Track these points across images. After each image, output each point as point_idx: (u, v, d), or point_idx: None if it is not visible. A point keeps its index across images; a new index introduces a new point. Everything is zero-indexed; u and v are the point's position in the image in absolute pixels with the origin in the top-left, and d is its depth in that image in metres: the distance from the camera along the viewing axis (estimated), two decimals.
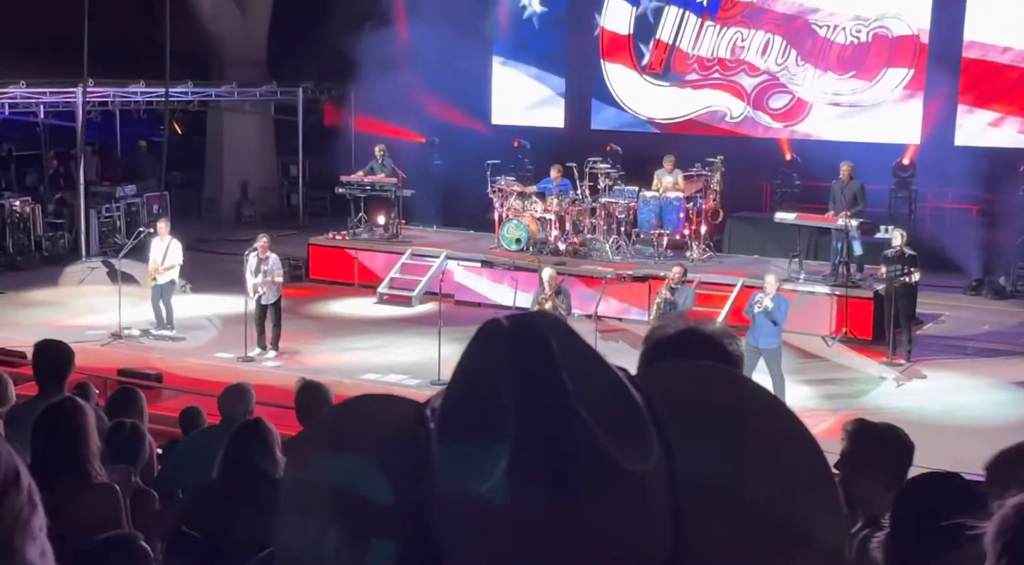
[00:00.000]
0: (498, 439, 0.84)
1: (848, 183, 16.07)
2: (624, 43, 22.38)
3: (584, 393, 0.86)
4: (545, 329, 0.89)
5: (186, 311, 15.68)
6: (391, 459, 0.91)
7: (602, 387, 0.88)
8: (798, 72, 20.91)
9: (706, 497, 0.89)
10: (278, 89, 24.33)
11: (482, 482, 0.84)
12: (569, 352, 0.88)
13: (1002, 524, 1.62)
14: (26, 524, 1.22)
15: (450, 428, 0.88)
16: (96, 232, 20.22)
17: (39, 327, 13.68)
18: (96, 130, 23.21)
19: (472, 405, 0.88)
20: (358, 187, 18.95)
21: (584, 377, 0.87)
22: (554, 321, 0.91)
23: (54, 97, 20.35)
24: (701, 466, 0.90)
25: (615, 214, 17.37)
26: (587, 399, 0.85)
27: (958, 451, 10.76)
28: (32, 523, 1.23)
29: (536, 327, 0.89)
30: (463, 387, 0.89)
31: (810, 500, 0.94)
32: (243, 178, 25.09)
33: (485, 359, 0.89)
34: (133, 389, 6.75)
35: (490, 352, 0.89)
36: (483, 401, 0.87)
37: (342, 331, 15.64)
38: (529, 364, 0.87)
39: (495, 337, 0.89)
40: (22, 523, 1.21)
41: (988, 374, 13.68)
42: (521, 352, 0.87)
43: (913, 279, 13.78)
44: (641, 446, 0.86)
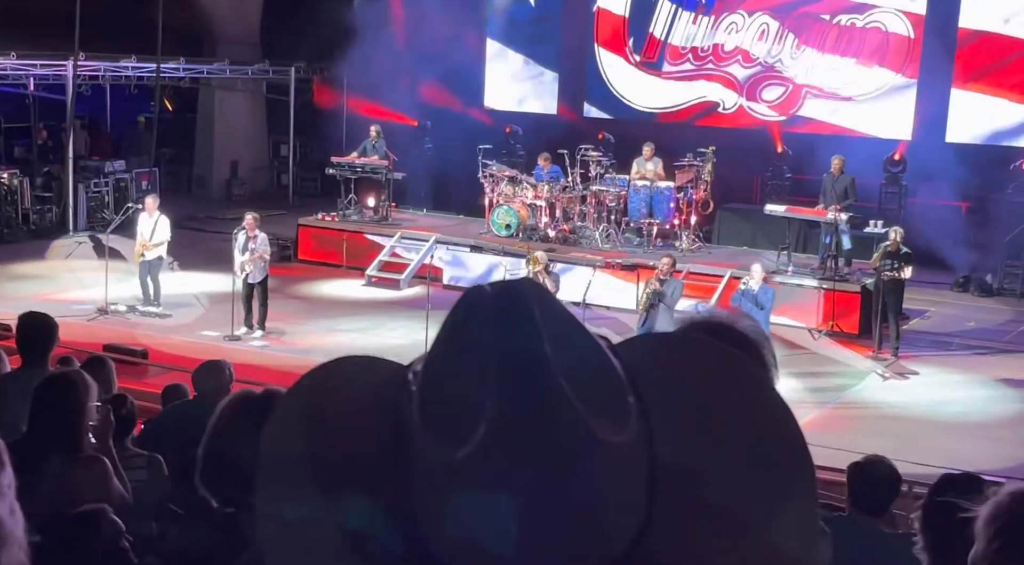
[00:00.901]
0: (476, 405, 0.84)
1: (839, 177, 16.10)
2: (619, 26, 22.29)
3: (564, 362, 0.85)
4: (528, 296, 0.88)
5: (173, 288, 15.63)
6: (372, 422, 0.90)
7: (583, 356, 0.87)
8: (792, 63, 20.89)
9: (678, 476, 0.88)
10: (270, 68, 24.23)
11: (458, 448, 0.84)
12: (551, 320, 0.87)
13: (996, 509, 1.63)
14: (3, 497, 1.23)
15: (430, 392, 0.88)
16: (84, 207, 20.12)
17: (25, 301, 13.62)
18: (86, 104, 23.07)
19: (453, 370, 0.87)
20: (349, 169, 18.91)
21: (565, 346, 0.86)
22: (538, 289, 0.90)
23: (45, 70, 20.22)
24: (677, 443, 0.89)
25: (605, 202, 17.36)
26: (567, 368, 0.85)
27: (943, 446, 10.83)
28: (1, 480, 1.24)
29: (520, 294, 0.88)
30: (445, 351, 0.89)
31: (783, 495, 0.91)
32: (233, 157, 24.99)
33: (468, 324, 0.88)
34: (103, 358, 6.74)
35: (473, 317, 0.88)
36: (464, 366, 0.86)
37: (330, 312, 15.61)
38: (511, 331, 0.86)
39: (479, 302, 0.89)
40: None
41: (973, 370, 13.73)
42: (503, 318, 0.87)
43: (904, 275, 13.80)
44: (618, 417, 0.86)
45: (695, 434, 0.90)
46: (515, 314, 0.87)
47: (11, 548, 1.24)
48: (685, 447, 0.89)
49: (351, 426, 0.91)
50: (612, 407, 0.86)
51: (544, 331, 0.86)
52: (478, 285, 0.91)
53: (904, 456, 8.42)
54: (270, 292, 14.48)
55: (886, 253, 13.84)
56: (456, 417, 0.85)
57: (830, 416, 11.83)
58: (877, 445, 9.69)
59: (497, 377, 0.84)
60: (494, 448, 0.83)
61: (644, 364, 0.92)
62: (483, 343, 0.86)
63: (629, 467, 0.86)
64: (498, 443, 0.83)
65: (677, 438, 0.89)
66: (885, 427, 11.52)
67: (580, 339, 0.89)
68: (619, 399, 0.87)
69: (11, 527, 1.25)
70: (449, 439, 0.84)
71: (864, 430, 11.27)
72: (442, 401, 0.86)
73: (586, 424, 0.83)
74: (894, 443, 10.30)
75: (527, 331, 0.86)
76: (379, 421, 0.89)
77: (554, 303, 0.90)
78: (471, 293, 0.90)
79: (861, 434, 10.83)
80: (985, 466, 10.03)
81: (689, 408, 0.91)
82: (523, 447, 0.83)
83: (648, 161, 17.63)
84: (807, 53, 20.77)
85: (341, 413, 0.93)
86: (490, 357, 0.85)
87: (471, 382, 0.85)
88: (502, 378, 0.84)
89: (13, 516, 1.25)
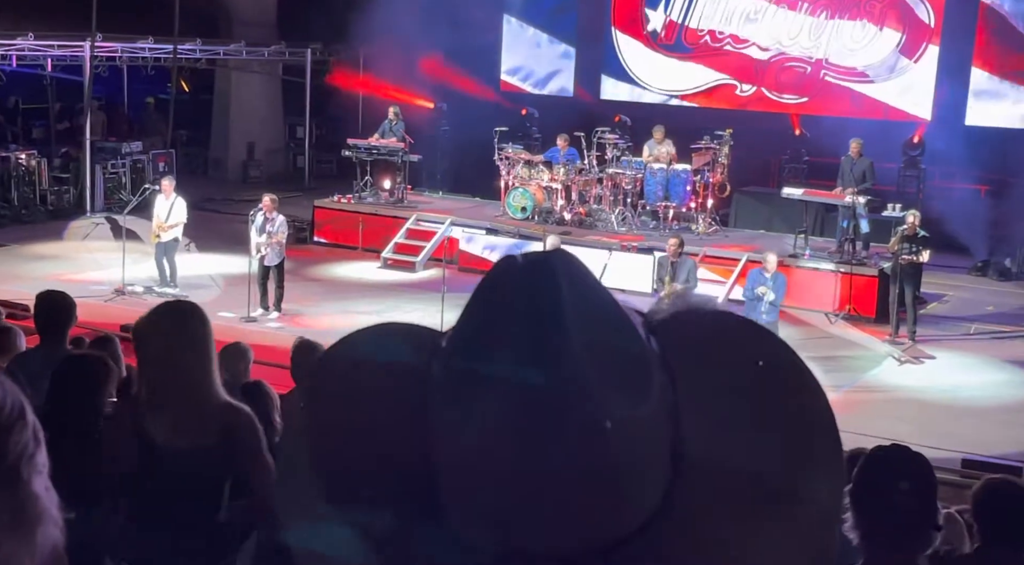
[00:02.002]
0: (495, 378, 0.84)
1: (857, 160, 16.01)
2: (636, 9, 22.19)
3: (585, 334, 0.85)
4: (558, 268, 0.87)
5: (190, 270, 15.67)
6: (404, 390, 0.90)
7: (607, 330, 0.87)
8: (811, 44, 20.74)
9: (705, 450, 0.88)
10: (287, 49, 24.22)
11: (474, 422, 0.84)
12: (579, 293, 0.87)
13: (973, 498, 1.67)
14: (32, 458, 1.27)
15: (455, 363, 0.87)
16: (101, 188, 20.19)
17: (42, 281, 13.64)
18: (103, 85, 23.12)
19: (477, 341, 0.87)
20: (364, 151, 18.91)
21: (589, 318, 0.86)
22: (568, 261, 0.89)
23: (62, 51, 20.25)
24: (707, 418, 0.88)
25: (622, 185, 17.32)
26: (587, 341, 0.84)
27: (960, 431, 10.79)
28: (37, 458, 1.28)
29: (548, 265, 0.88)
30: (471, 320, 0.88)
31: (815, 481, 0.90)
32: (250, 138, 25.02)
33: (495, 292, 0.88)
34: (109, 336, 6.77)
35: (501, 285, 0.88)
36: (487, 337, 0.86)
37: (345, 294, 15.63)
38: (533, 300, 0.85)
39: (507, 273, 0.88)
40: (28, 456, 1.27)
41: (991, 355, 13.67)
42: (528, 288, 0.86)
43: (922, 259, 13.73)
44: (638, 392, 0.85)
45: (728, 411, 0.90)
46: (541, 284, 0.86)
47: (47, 525, 1.28)
48: (715, 423, 0.89)
49: (384, 392, 0.91)
50: (632, 381, 0.85)
51: (568, 303, 0.85)
52: (510, 255, 0.91)
53: (921, 440, 8.40)
54: (286, 274, 14.51)
55: (904, 237, 13.77)
56: (474, 390, 0.85)
57: (847, 400, 11.79)
58: (894, 429, 9.67)
59: (514, 348, 0.84)
60: (504, 423, 0.83)
61: (679, 339, 0.91)
62: (507, 314, 0.85)
63: (648, 441, 0.85)
64: (508, 418, 0.83)
65: (707, 414, 0.89)
66: (902, 411, 11.49)
67: (607, 312, 0.88)
68: (641, 373, 0.86)
69: (47, 504, 1.29)
70: (467, 407, 0.84)
71: (881, 414, 11.23)
72: (464, 373, 0.86)
73: (596, 398, 0.83)
74: (911, 427, 10.29)
75: (550, 302, 0.85)
76: (412, 390, 0.89)
77: (584, 276, 0.89)
78: (503, 262, 0.90)
79: (878, 418, 10.80)
80: (1002, 450, 10.00)
81: (723, 388, 0.90)
82: (531, 420, 0.82)
83: (660, 144, 17.57)
84: (827, 28, 20.58)
85: (374, 378, 0.93)
86: (511, 328, 0.85)
87: (491, 354, 0.84)
88: (517, 348, 0.84)
89: (48, 493, 1.30)
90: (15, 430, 1.26)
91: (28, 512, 1.25)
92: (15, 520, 1.24)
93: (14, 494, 1.24)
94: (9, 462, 1.24)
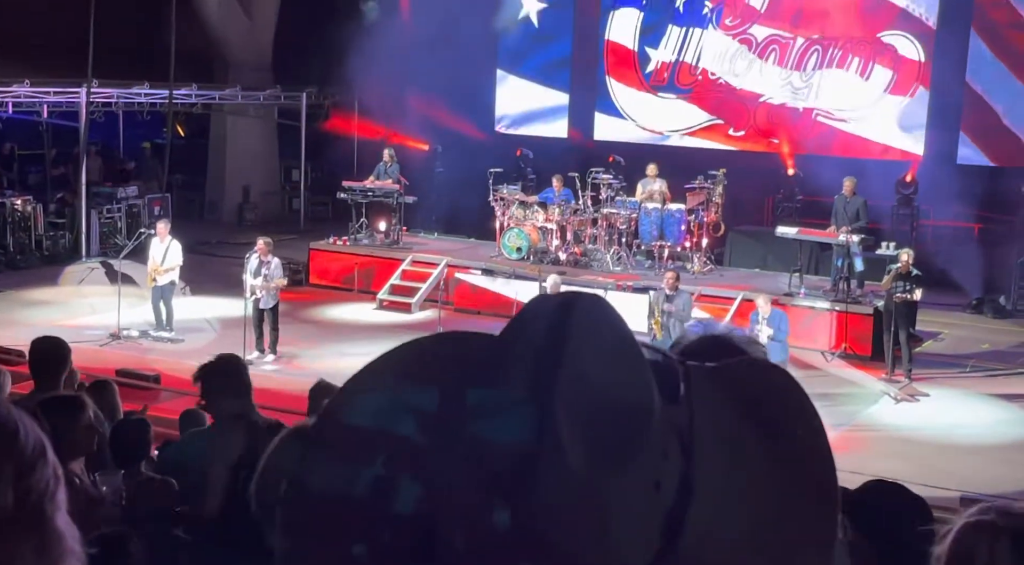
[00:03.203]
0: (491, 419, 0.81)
1: (851, 199, 16.08)
2: (629, 57, 22.41)
3: (587, 391, 0.81)
4: (580, 313, 0.84)
5: (185, 313, 15.66)
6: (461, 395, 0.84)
7: (616, 387, 0.83)
8: (803, 85, 20.91)
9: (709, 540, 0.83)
10: (282, 93, 24.36)
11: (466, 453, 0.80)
12: (595, 341, 0.83)
13: None
14: (54, 495, 1.28)
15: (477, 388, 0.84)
16: (97, 232, 20.22)
17: (38, 326, 13.65)
18: (99, 130, 23.22)
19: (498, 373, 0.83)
20: (360, 193, 18.97)
21: (601, 371, 0.82)
22: (594, 308, 0.85)
23: (58, 97, 20.36)
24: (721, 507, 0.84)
25: (616, 225, 17.37)
26: (574, 400, 0.80)
27: (957, 469, 10.77)
28: (58, 495, 1.29)
29: (572, 309, 0.84)
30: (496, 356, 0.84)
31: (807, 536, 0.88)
32: (245, 181, 25.11)
33: (521, 332, 0.84)
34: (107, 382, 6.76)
35: (526, 326, 0.85)
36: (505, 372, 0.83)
37: (341, 336, 15.62)
38: (545, 346, 0.82)
39: (536, 311, 0.85)
40: (51, 493, 1.27)
41: (987, 393, 13.66)
42: (544, 332, 0.83)
43: (915, 297, 13.76)
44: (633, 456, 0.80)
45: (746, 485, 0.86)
46: (557, 329, 0.83)
47: (69, 561, 1.28)
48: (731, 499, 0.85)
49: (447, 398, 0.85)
50: (629, 446, 0.81)
51: (578, 351, 0.82)
52: (546, 295, 0.88)
53: (919, 479, 8.38)
54: (281, 316, 14.51)
55: (897, 275, 13.81)
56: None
57: (844, 438, 11.77)
58: (891, 468, 9.64)
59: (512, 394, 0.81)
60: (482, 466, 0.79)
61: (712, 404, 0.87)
62: (524, 356, 0.82)
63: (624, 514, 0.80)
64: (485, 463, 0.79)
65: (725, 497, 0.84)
66: (899, 449, 11.46)
67: (622, 367, 0.84)
68: (639, 438, 0.82)
69: (71, 542, 1.29)
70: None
71: (878, 452, 11.21)
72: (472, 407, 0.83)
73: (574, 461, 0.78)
74: (908, 466, 10.26)
75: (558, 350, 0.82)
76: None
77: (609, 325, 0.85)
78: (535, 301, 0.87)
79: (875, 456, 10.78)
80: (1000, 488, 9.97)
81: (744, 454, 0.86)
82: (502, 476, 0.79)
83: (653, 181, 17.65)
84: (817, 74, 20.80)
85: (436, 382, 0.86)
86: (522, 370, 0.82)
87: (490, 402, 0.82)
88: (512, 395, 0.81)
89: (70, 529, 1.31)
90: (38, 467, 1.26)
91: (52, 550, 1.26)
92: (40, 558, 1.24)
93: (39, 532, 1.25)
94: (33, 500, 1.25)
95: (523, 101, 23.47)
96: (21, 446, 1.26)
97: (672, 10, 21.82)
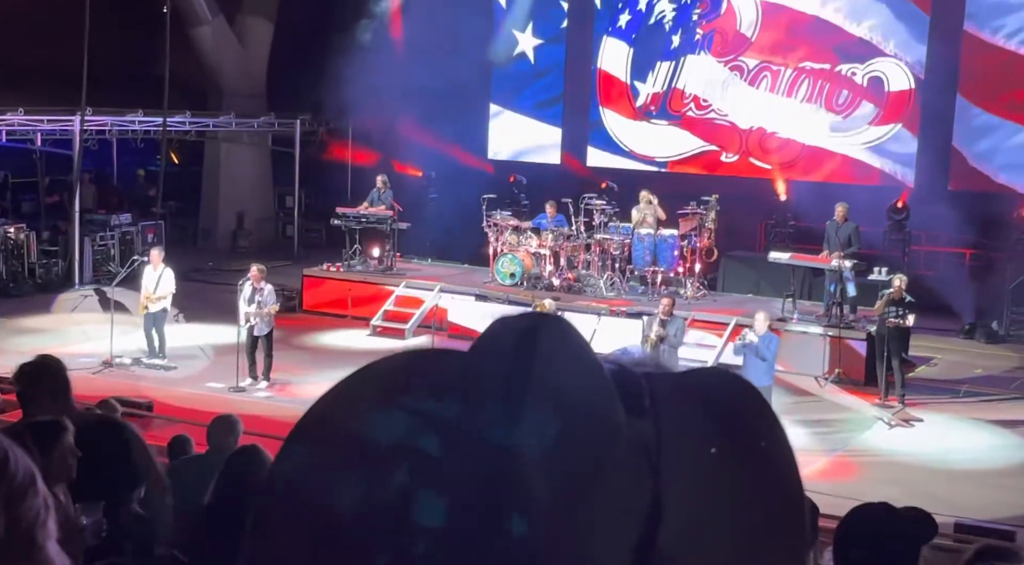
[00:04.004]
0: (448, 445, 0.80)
1: (843, 224, 16.13)
2: (621, 86, 22.52)
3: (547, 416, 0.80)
4: (541, 336, 0.84)
5: (178, 340, 15.63)
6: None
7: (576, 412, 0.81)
8: (794, 111, 21.02)
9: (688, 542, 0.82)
10: (276, 120, 24.42)
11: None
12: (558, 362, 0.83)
13: None
14: (44, 523, 1.30)
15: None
16: (90, 260, 20.19)
17: (30, 354, 13.53)
18: (93, 158, 23.24)
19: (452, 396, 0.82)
20: (353, 219, 19.00)
21: (561, 393, 0.81)
22: (555, 331, 0.84)
23: (52, 125, 20.38)
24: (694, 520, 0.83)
25: (609, 250, 17.40)
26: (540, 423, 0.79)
27: (952, 494, 10.75)
28: (48, 524, 1.31)
29: (533, 332, 0.84)
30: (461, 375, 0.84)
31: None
32: (239, 208, 25.12)
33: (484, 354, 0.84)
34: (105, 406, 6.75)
35: (488, 347, 0.84)
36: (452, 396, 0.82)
37: (335, 363, 15.56)
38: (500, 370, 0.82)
39: (497, 333, 0.85)
40: (41, 522, 1.29)
41: (980, 417, 13.67)
42: (504, 354, 0.82)
43: (907, 323, 13.78)
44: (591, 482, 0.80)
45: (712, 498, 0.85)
46: (516, 351, 0.82)
47: None
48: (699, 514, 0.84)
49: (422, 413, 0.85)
50: (597, 468, 0.81)
51: (538, 374, 0.81)
52: (507, 316, 0.86)
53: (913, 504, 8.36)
54: (275, 343, 14.50)
55: (890, 300, 13.84)
56: None
57: (838, 463, 11.77)
58: (885, 492, 9.63)
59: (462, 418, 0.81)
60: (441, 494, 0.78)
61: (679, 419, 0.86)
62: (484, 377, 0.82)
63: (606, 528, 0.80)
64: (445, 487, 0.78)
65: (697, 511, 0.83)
66: (893, 475, 11.45)
67: (584, 389, 0.83)
68: (609, 460, 0.81)
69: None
70: None
71: (872, 478, 11.20)
72: None
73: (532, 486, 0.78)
74: (901, 491, 10.24)
75: (517, 372, 0.81)
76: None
77: (569, 347, 0.84)
78: (497, 323, 0.86)
79: (869, 482, 10.77)
80: (995, 514, 9.96)
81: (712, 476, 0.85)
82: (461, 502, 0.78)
83: (647, 206, 17.66)
84: (807, 102, 20.91)
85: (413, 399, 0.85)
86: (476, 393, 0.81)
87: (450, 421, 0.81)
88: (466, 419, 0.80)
89: (61, 557, 1.32)
90: (28, 496, 1.27)
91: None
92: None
93: (30, 560, 1.25)
94: (23, 528, 1.26)
95: (517, 136, 23.56)
96: (11, 474, 1.26)
97: (663, 45, 21.96)
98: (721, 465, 0.86)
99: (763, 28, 21.15)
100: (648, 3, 22.11)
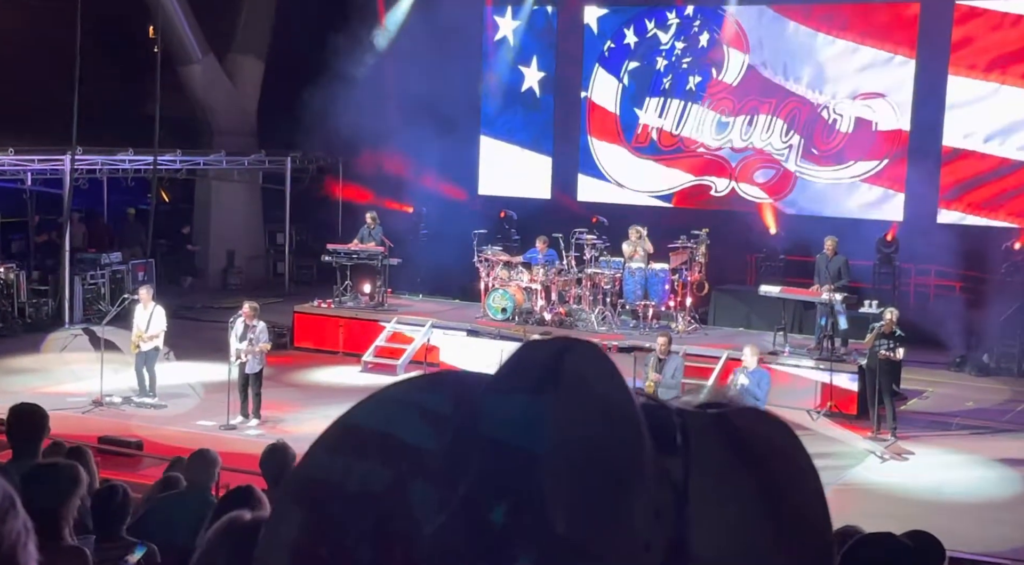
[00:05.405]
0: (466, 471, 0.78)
1: (832, 258, 16.17)
2: (611, 119, 22.66)
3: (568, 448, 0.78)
4: (568, 363, 0.81)
5: (169, 378, 15.58)
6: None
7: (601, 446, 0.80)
8: (783, 148, 21.16)
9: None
10: (266, 158, 24.47)
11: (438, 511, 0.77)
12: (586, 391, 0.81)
13: None
14: (25, 546, 1.31)
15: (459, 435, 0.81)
16: (80, 299, 20.15)
17: (20, 394, 13.54)
18: (83, 197, 23.23)
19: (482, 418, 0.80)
20: (344, 256, 19.01)
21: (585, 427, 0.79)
22: (586, 360, 0.82)
23: (42, 164, 20.39)
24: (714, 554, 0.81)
25: (601, 285, 17.43)
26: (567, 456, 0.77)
27: (944, 528, 10.72)
28: (29, 546, 1.32)
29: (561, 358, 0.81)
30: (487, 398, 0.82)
31: None
32: (230, 246, 25.12)
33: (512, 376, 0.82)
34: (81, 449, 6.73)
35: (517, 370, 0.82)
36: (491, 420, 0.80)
37: (326, 399, 15.52)
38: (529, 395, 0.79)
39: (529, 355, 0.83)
40: (23, 543, 1.31)
41: (973, 450, 13.65)
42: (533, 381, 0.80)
43: (897, 356, 13.80)
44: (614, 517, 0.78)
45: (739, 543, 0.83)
46: (545, 378, 0.80)
47: None
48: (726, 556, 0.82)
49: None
50: (618, 505, 0.79)
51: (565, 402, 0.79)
52: (542, 339, 0.84)
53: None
54: (266, 380, 14.46)
55: (880, 334, 13.86)
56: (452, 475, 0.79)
57: (830, 497, 11.62)
58: (877, 526, 9.59)
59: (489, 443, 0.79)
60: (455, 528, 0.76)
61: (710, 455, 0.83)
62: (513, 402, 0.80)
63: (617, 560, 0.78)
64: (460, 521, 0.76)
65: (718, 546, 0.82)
66: (886, 508, 11.41)
67: (613, 419, 0.81)
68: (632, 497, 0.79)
69: None
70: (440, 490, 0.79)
71: (865, 511, 11.13)
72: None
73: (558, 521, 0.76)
74: (895, 524, 10.19)
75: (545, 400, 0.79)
76: None
77: (601, 376, 0.82)
78: (528, 345, 0.84)
79: (863, 515, 10.69)
80: (987, 547, 9.93)
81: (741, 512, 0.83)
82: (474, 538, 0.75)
83: (637, 239, 17.69)
84: (797, 137, 21.06)
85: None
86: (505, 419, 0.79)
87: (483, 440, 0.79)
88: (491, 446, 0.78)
89: None
90: (8, 518, 1.29)
91: None
92: None
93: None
94: (5, 549, 1.27)
95: (507, 169, 23.65)
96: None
97: (653, 83, 22.13)
98: (750, 509, 0.83)
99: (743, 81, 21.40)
100: (639, 41, 22.28)
